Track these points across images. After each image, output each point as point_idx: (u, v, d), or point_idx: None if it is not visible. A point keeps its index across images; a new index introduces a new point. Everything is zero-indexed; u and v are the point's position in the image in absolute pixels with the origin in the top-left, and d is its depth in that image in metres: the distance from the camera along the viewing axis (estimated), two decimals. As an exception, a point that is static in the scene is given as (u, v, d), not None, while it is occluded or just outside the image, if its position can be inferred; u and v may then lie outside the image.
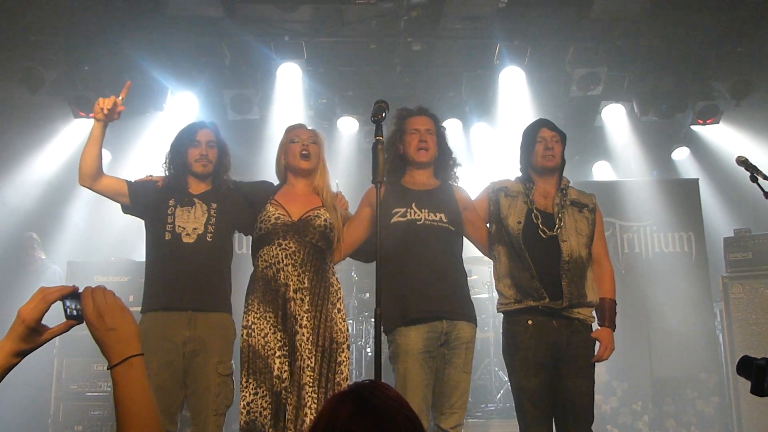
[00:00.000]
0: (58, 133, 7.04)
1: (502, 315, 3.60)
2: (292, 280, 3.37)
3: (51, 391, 5.99)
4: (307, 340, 3.31)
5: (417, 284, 3.38)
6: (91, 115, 6.62)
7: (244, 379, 3.40)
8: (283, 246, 3.42)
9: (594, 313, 3.50)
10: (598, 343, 3.48)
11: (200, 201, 3.61)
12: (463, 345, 3.41)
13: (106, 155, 7.39)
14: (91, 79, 6.51)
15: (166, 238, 3.50)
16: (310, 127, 3.82)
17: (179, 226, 3.51)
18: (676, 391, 6.22)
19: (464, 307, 3.50)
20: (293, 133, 3.70)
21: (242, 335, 3.44)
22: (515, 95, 6.99)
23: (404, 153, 3.63)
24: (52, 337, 1.58)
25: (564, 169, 3.68)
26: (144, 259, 3.87)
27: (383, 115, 2.97)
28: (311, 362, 3.30)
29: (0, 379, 1.53)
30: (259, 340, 3.38)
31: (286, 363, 3.33)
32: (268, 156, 7.15)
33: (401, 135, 3.66)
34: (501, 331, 3.59)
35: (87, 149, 3.51)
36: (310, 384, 3.26)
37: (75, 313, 1.53)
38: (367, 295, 6.90)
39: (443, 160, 3.70)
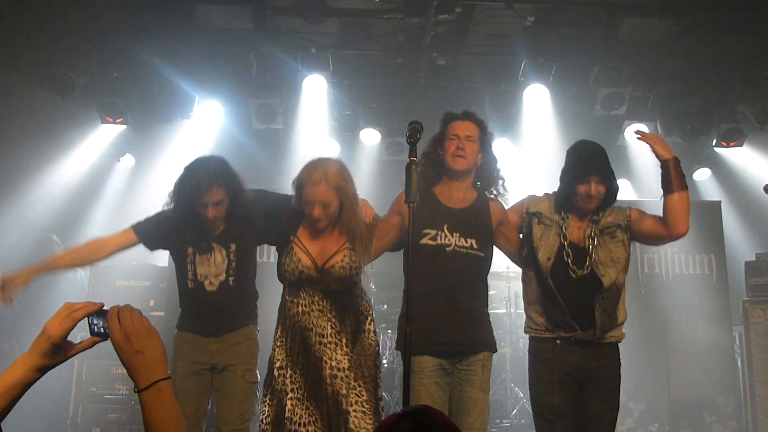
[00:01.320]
0: (85, 138, 7.14)
1: (523, 334, 3.59)
2: (318, 325, 3.32)
3: (71, 392, 6.06)
4: (354, 380, 3.28)
5: (437, 313, 3.35)
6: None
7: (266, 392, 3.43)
8: (310, 293, 3.36)
9: (623, 331, 3.46)
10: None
11: (218, 245, 3.53)
12: (479, 362, 3.40)
13: (130, 160, 7.49)
14: (120, 85, 6.63)
15: (189, 286, 3.54)
16: (331, 171, 3.33)
17: (201, 275, 3.52)
18: (693, 414, 6.17)
19: (483, 337, 3.47)
20: (310, 176, 3.33)
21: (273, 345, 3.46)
22: (539, 112, 7.01)
23: (442, 158, 3.51)
24: (76, 354, 1.57)
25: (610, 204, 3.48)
26: (165, 265, 3.91)
27: (418, 136, 2.96)
28: (367, 396, 3.29)
29: (21, 395, 1.52)
30: (273, 369, 3.38)
31: (300, 406, 3.25)
32: (291, 165, 7.26)
33: (442, 139, 3.54)
34: (527, 348, 3.58)
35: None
36: (370, 416, 3.25)
37: (101, 330, 1.52)
38: (385, 306, 6.91)
39: (485, 170, 3.57)
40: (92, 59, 6.36)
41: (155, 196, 7.22)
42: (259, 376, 3.61)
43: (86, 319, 1.53)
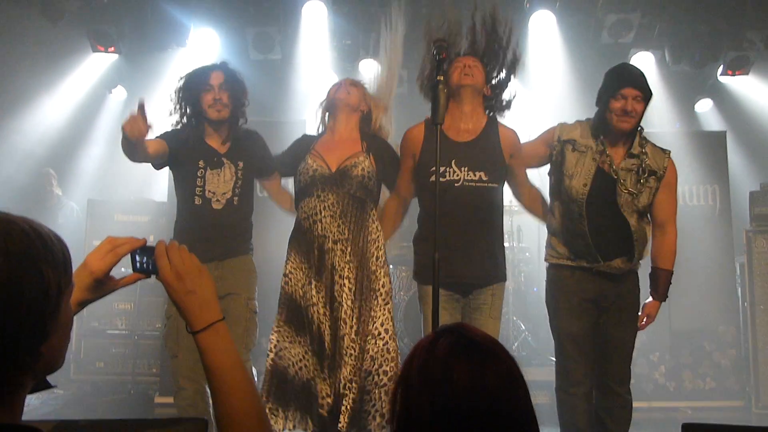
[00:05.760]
0: (78, 66, 6.89)
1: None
2: (331, 231, 3.34)
3: (73, 327, 6.02)
4: (350, 291, 3.28)
5: (448, 250, 3.19)
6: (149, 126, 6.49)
7: (280, 323, 3.40)
8: (322, 198, 3.39)
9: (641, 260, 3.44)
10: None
11: (228, 161, 3.60)
12: (489, 291, 3.39)
13: (122, 92, 7.26)
14: (111, 11, 6.37)
15: (196, 202, 3.55)
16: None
17: (209, 191, 3.55)
18: (693, 343, 6.24)
19: (495, 269, 3.43)
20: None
21: (281, 282, 3.45)
22: (544, 41, 6.82)
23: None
24: (118, 289, 1.52)
25: (639, 129, 3.34)
26: (164, 200, 3.83)
27: (445, 54, 2.88)
28: (352, 312, 3.28)
29: None
30: (297, 290, 3.37)
31: (326, 313, 3.30)
32: (290, 97, 7.08)
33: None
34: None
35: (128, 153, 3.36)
36: (349, 335, 3.24)
37: (145, 267, 1.47)
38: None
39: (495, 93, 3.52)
40: (82, -17, 6.08)
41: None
42: (257, 306, 3.62)
43: (129, 254, 1.47)
